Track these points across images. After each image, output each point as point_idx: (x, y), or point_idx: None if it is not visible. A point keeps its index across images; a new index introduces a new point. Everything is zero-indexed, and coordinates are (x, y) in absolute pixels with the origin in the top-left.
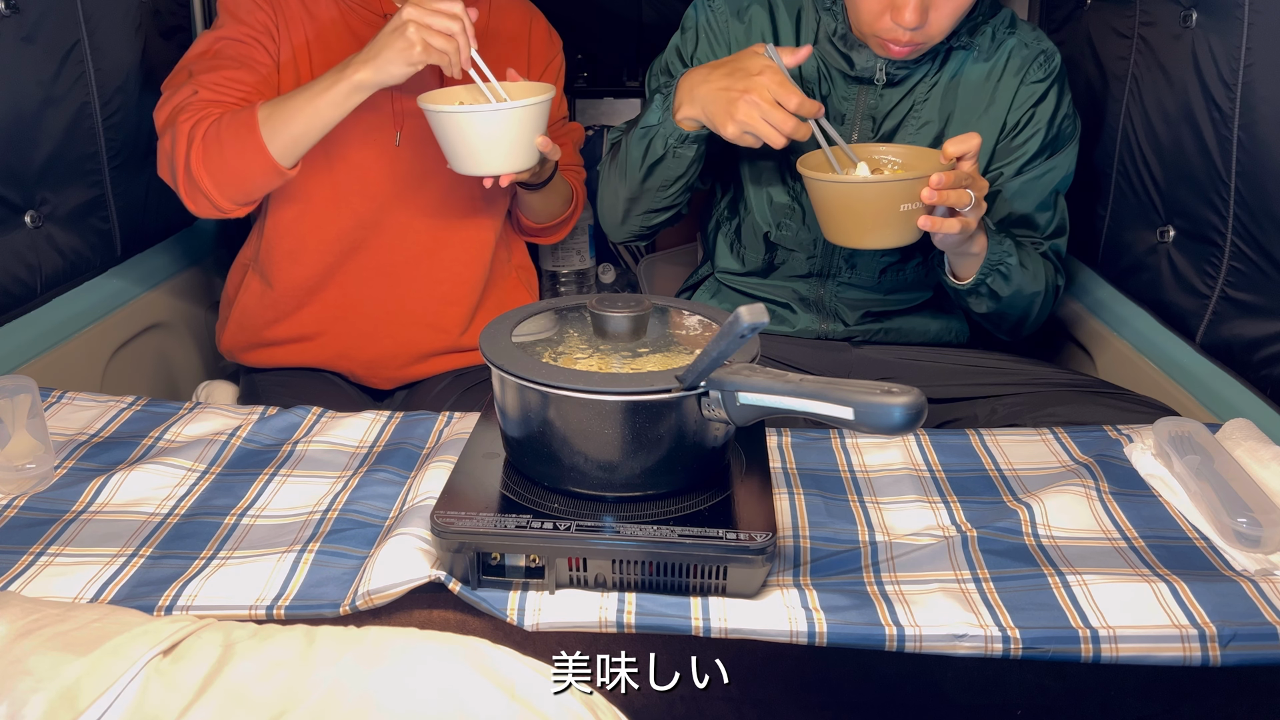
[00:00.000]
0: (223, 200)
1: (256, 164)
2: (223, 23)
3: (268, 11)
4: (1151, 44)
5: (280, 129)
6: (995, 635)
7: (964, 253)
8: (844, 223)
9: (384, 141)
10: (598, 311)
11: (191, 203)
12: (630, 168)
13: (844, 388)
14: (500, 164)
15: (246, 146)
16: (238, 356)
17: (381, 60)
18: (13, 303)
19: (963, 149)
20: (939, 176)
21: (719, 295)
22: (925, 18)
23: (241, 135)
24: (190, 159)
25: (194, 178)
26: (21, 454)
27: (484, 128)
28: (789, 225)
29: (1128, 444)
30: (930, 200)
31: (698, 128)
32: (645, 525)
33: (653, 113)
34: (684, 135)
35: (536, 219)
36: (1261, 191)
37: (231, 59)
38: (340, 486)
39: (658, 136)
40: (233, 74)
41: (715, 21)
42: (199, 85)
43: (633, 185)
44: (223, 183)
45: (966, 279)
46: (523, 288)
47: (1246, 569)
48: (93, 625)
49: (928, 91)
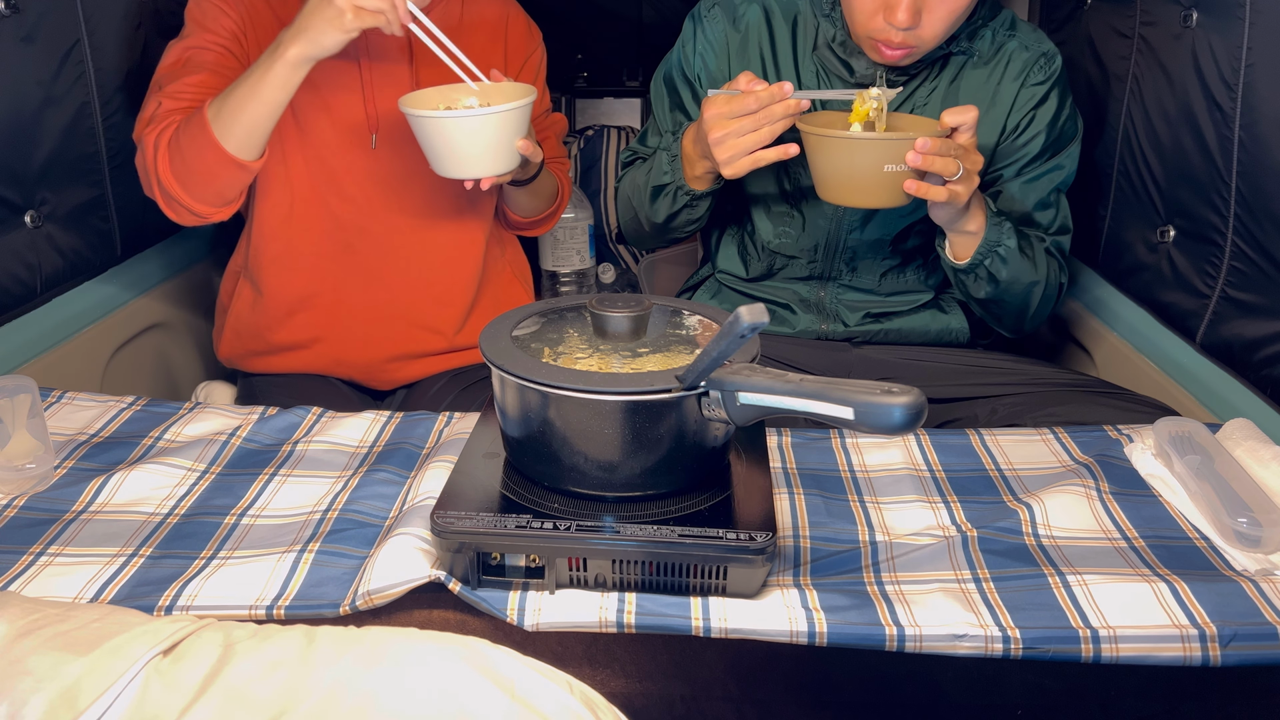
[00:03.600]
0: (198, 205)
1: (216, 162)
2: (189, 32)
3: (234, 18)
4: (1152, 44)
5: (230, 123)
6: (995, 635)
7: (961, 231)
8: (828, 177)
9: (361, 144)
10: (598, 311)
11: (172, 213)
12: (654, 214)
13: (844, 388)
14: (482, 167)
15: (203, 147)
16: (237, 363)
17: (313, 33)
18: (13, 303)
19: (960, 120)
20: (924, 140)
21: (719, 295)
22: (918, 19)
23: (196, 137)
24: (159, 170)
25: (166, 188)
26: (21, 454)
27: (465, 132)
28: (788, 234)
29: (1128, 444)
30: (914, 163)
31: (712, 183)
32: (645, 525)
33: (663, 172)
34: (698, 194)
35: (523, 214)
36: (1262, 191)
37: (197, 66)
38: (340, 486)
39: (678, 193)
40: (196, 79)
41: (713, 31)
42: (164, 96)
43: (655, 226)
44: (191, 187)
45: (964, 259)
46: (518, 284)
47: (1246, 569)
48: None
49: (927, 96)
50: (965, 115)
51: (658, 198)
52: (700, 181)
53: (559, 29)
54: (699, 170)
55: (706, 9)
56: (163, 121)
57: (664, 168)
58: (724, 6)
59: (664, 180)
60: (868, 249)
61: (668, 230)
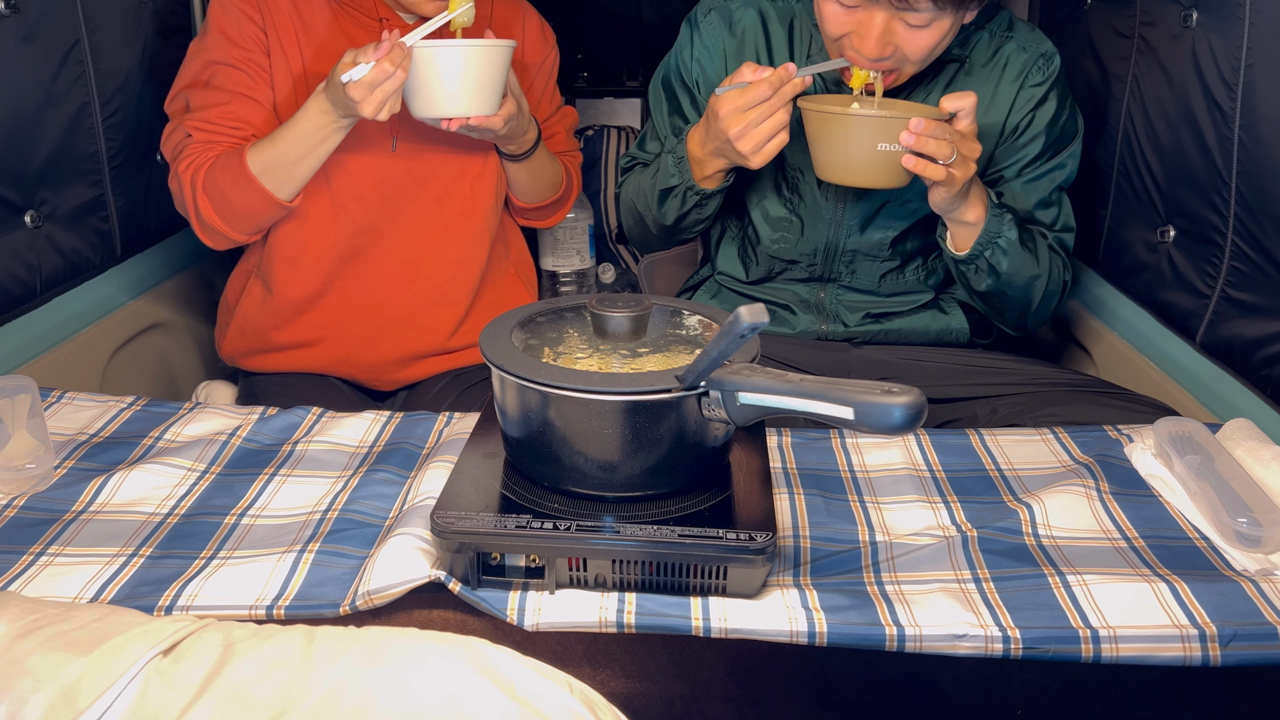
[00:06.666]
0: (239, 235)
1: (264, 205)
2: (214, 42)
3: (257, 22)
4: (1152, 44)
5: (285, 178)
6: (995, 635)
7: (960, 220)
8: (823, 154)
9: (381, 148)
10: (598, 311)
11: (209, 240)
12: (662, 217)
13: (844, 388)
14: (457, 105)
15: (247, 193)
16: (239, 362)
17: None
18: (13, 303)
19: (958, 105)
20: (918, 121)
21: (719, 296)
22: (889, 50)
23: (239, 183)
24: (199, 207)
25: (206, 222)
26: (21, 454)
27: (444, 64)
28: (787, 238)
29: (1128, 444)
30: (907, 143)
31: (722, 180)
32: (645, 525)
33: (669, 174)
34: (709, 193)
35: (526, 198)
36: (1262, 191)
37: (225, 90)
38: (340, 486)
39: (687, 194)
40: (225, 109)
41: (709, 36)
42: (194, 126)
43: (664, 228)
44: (234, 222)
45: (964, 250)
46: (521, 284)
47: (1246, 569)
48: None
49: (924, 99)
50: (964, 101)
51: (666, 200)
52: (711, 181)
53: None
54: (709, 170)
55: (703, 14)
56: (196, 156)
57: (670, 170)
58: (720, 11)
59: (672, 183)
60: (867, 252)
61: (677, 231)
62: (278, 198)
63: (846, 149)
